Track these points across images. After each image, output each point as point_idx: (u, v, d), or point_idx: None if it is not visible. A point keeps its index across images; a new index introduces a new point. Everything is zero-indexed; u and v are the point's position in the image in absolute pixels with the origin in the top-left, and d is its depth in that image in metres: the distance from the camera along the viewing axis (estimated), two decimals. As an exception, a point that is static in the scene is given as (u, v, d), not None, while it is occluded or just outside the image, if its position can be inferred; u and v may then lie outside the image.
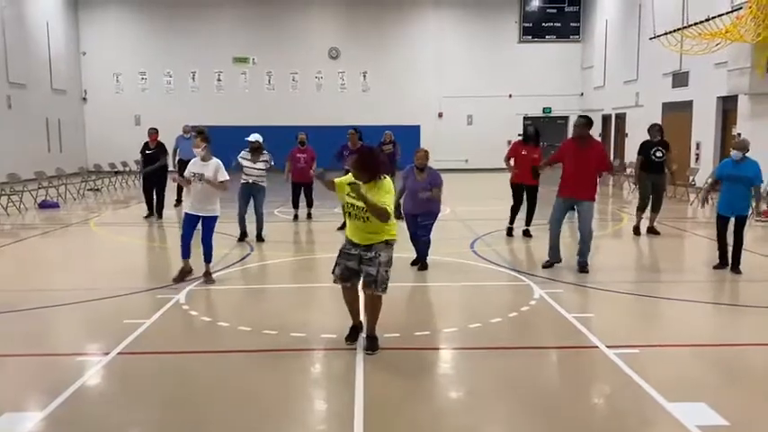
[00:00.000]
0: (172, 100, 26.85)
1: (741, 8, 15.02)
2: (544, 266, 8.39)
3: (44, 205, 15.08)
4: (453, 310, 6.94)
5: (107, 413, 4.42)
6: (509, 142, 27.66)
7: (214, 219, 7.78)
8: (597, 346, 5.48)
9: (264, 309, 7.14)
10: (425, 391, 4.70)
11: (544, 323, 6.34)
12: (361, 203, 5.12)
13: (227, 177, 7.73)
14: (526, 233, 10.78)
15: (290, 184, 12.51)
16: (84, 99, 27.29)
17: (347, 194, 5.26)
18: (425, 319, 6.63)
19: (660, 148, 11.05)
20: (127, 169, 21.65)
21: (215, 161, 7.78)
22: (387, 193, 5.19)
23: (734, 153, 8.15)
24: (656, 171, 11.10)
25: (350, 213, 5.28)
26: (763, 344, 5.67)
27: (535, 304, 6.82)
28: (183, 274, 7.86)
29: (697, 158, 18.29)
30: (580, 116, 8.70)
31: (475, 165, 26.99)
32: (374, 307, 5.39)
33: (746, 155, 8.07)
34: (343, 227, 11.66)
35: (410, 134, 24.64)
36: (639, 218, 11.16)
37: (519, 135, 27.40)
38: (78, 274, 8.70)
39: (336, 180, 5.46)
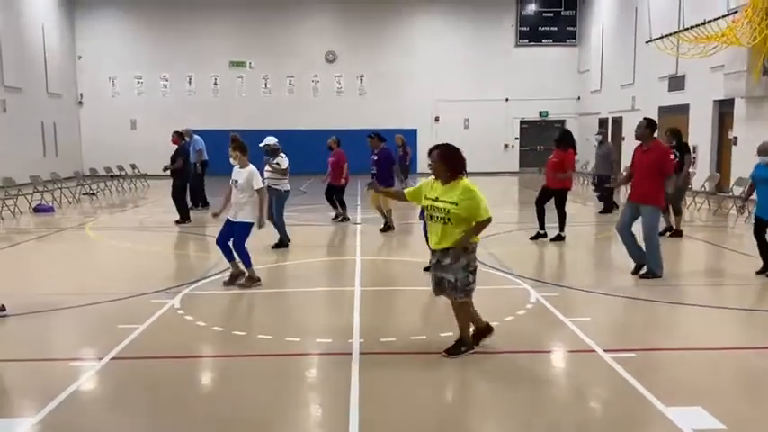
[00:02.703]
0: (168, 104, 26.82)
1: (737, 12, 15.06)
2: (633, 272, 8.15)
3: (39, 209, 15.02)
4: (450, 313, 6.88)
5: (100, 419, 4.39)
6: (505, 146, 27.92)
7: (243, 225, 7.69)
8: (594, 350, 5.45)
9: (260, 313, 7.11)
10: (421, 396, 4.67)
11: (541, 327, 6.32)
12: (440, 204, 5.05)
13: (261, 185, 7.62)
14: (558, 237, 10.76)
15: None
16: (80, 103, 27.26)
17: (425, 197, 5.22)
18: (422, 323, 6.60)
19: (674, 151, 11.24)
20: (123, 173, 21.60)
21: (249, 168, 7.67)
22: (475, 197, 5.02)
23: (760, 159, 8.10)
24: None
25: (431, 216, 5.17)
26: (760, 347, 5.66)
27: (532, 308, 6.79)
28: (232, 278, 7.77)
29: (693, 162, 18.30)
30: (643, 118, 8.48)
31: (472, 168, 26.47)
32: (458, 313, 5.34)
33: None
34: (384, 229, 11.66)
35: (407, 138, 24.59)
36: (665, 219, 11.21)
37: (516, 138, 27.77)
38: (72, 278, 8.66)
39: (407, 191, 5.49)
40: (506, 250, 10.13)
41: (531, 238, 10.79)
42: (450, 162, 5.13)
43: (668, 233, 11.01)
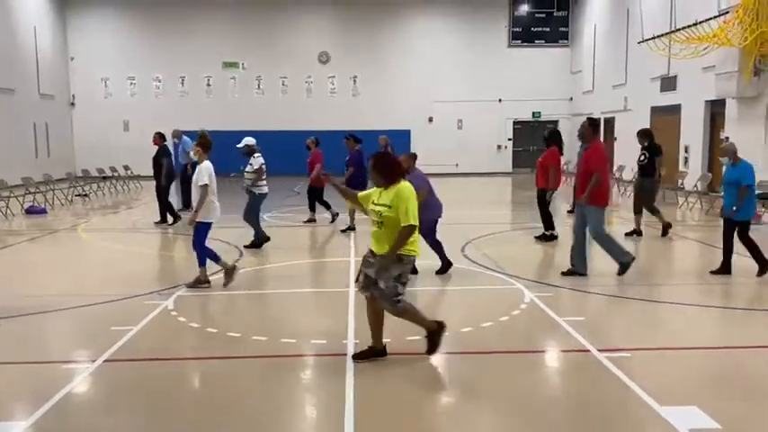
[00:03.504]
0: (161, 105, 26.73)
1: (728, 12, 15.14)
2: (563, 273, 8.23)
3: (31, 211, 14.93)
4: (444, 314, 6.86)
5: (94, 421, 4.36)
6: (498, 147, 27.99)
7: (198, 224, 7.65)
8: (589, 350, 5.46)
9: (254, 315, 7.08)
10: (416, 397, 4.66)
11: (535, 327, 6.33)
12: (376, 207, 5.03)
13: (205, 182, 7.51)
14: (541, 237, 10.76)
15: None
16: (73, 104, 27.13)
17: (372, 202, 5.14)
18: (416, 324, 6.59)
19: (644, 152, 11.26)
20: (116, 174, 21.51)
21: (202, 165, 7.65)
22: (405, 200, 4.93)
23: (721, 160, 8.22)
24: (640, 174, 11.38)
25: (372, 220, 5.15)
26: (754, 346, 5.68)
27: (526, 308, 6.80)
28: (227, 275, 7.75)
29: (686, 162, 18.39)
30: (586, 118, 8.58)
31: (465, 169, 27.05)
32: (402, 317, 5.26)
33: (740, 157, 8.09)
34: (347, 229, 11.66)
35: (400, 139, 24.62)
36: (636, 221, 11.24)
37: (509, 139, 27.84)
38: (65, 280, 8.61)
39: (360, 194, 5.41)
40: (500, 250, 10.15)
41: (537, 238, 10.77)
42: (381, 170, 5.09)
43: (635, 234, 11.05)
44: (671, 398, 4.46)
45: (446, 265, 8.39)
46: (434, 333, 5.32)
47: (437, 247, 8.37)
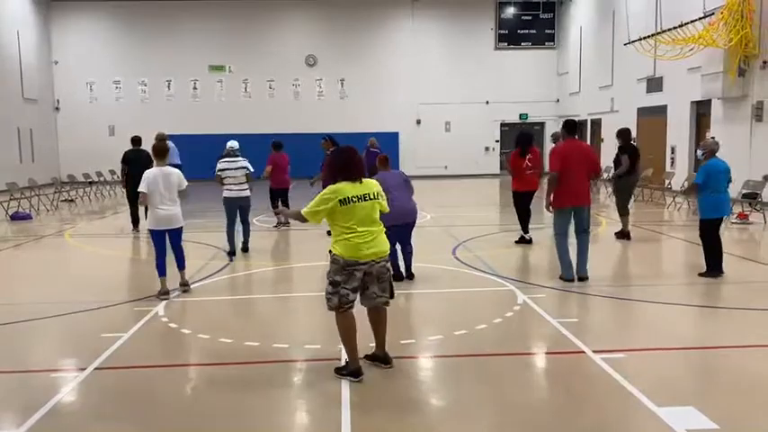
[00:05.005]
0: (147, 109, 26.53)
1: (713, 14, 15.28)
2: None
3: (16, 217, 14.75)
4: (438, 317, 6.88)
5: (84, 431, 4.28)
6: (486, 149, 28.07)
7: (149, 232, 7.61)
8: (583, 352, 5.45)
9: (246, 320, 7.02)
10: (412, 401, 4.63)
11: (529, 329, 6.32)
12: None
13: (141, 189, 7.34)
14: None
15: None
16: (57, 108, 26.85)
17: None
18: (410, 327, 6.56)
19: (621, 153, 11.30)
20: (102, 179, 21.31)
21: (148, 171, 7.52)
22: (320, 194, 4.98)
23: (698, 151, 8.29)
24: (619, 175, 11.37)
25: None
26: (748, 345, 5.69)
27: (519, 310, 6.79)
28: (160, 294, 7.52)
29: (672, 162, 18.52)
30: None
31: (453, 171, 27.08)
32: (337, 325, 5.10)
33: (716, 155, 8.14)
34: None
35: (389, 141, 24.61)
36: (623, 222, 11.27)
37: (497, 141, 27.93)
38: (53, 287, 8.48)
39: None
40: (490, 252, 10.14)
41: (516, 242, 10.75)
42: (327, 167, 5.10)
43: (624, 237, 11.02)
44: (667, 398, 4.46)
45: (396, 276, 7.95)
46: (345, 369, 4.99)
47: (393, 255, 7.90)
